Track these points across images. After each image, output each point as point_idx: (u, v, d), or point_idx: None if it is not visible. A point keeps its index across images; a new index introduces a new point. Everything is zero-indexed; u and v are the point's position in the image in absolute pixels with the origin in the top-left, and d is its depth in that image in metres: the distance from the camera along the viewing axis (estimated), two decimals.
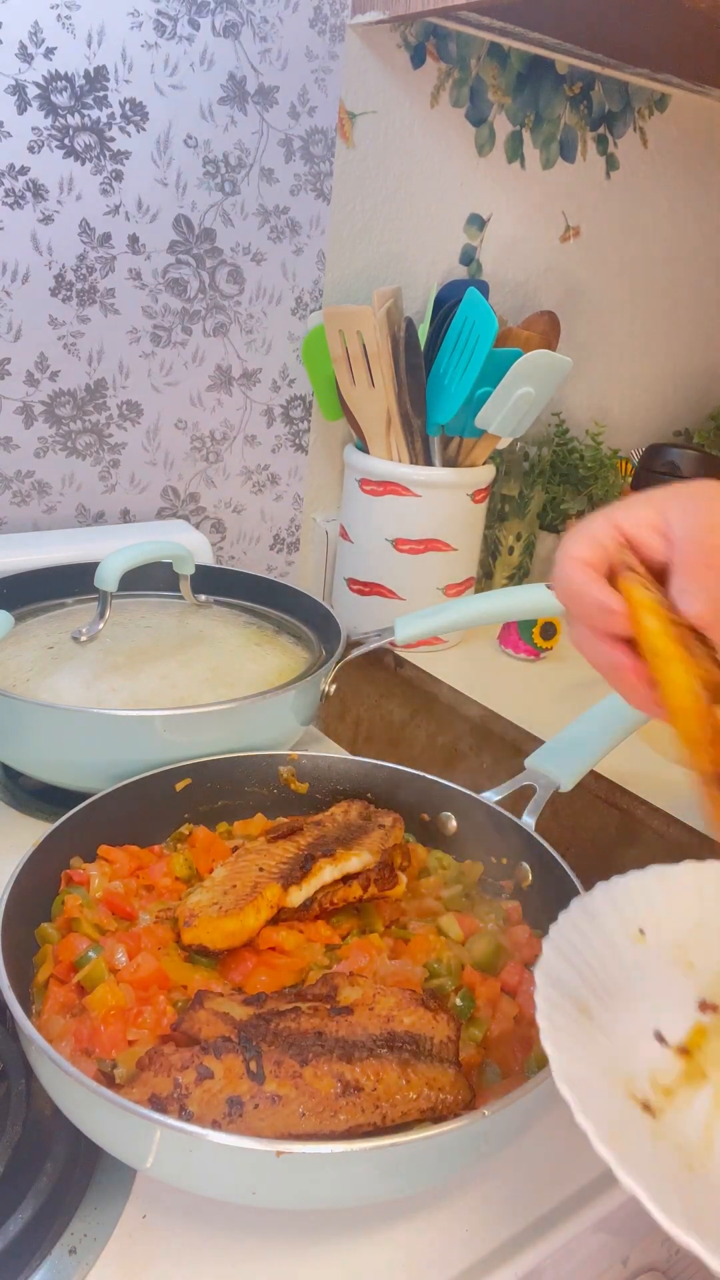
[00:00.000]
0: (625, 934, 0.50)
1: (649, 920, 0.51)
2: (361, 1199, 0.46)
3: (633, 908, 0.51)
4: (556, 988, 0.45)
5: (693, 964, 0.50)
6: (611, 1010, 0.46)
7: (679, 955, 0.50)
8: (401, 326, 0.94)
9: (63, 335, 0.89)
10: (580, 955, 0.47)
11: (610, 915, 0.50)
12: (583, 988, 0.46)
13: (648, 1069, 0.44)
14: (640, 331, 1.39)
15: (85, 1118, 0.45)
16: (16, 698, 0.69)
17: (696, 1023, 0.47)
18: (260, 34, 0.89)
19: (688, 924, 0.52)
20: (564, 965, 0.46)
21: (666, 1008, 0.48)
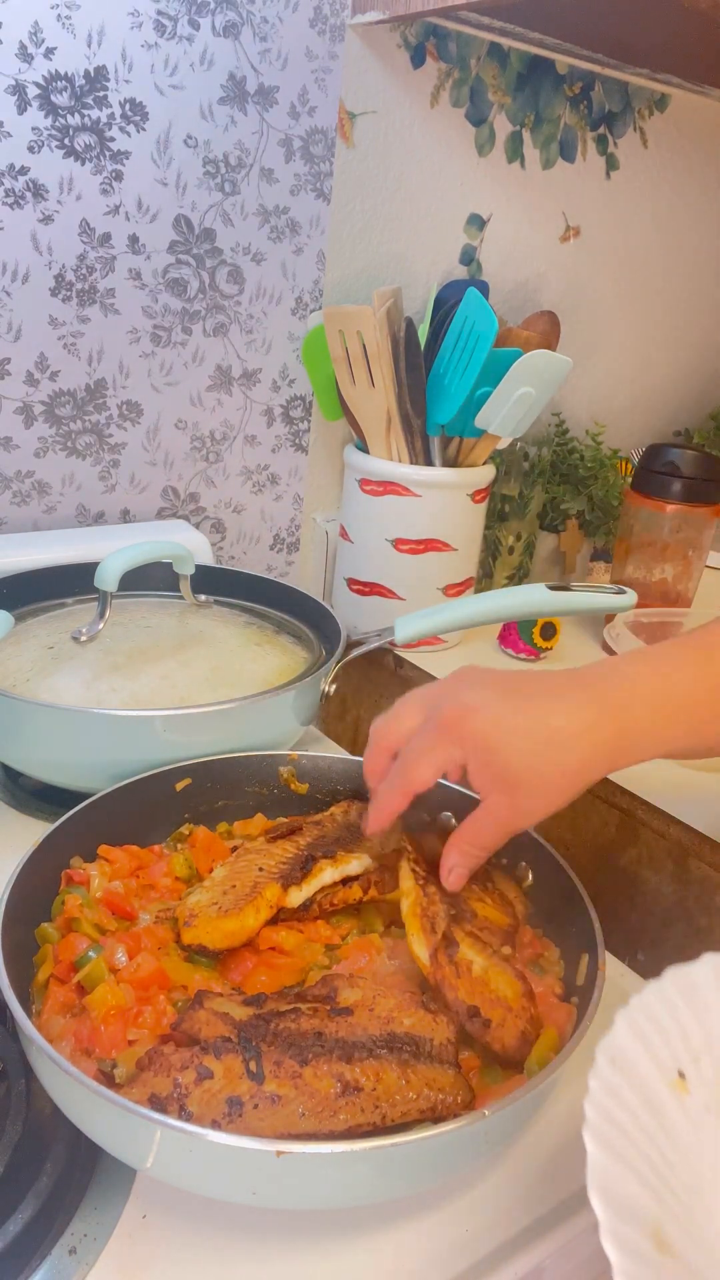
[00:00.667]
0: (665, 1084, 0.41)
1: (685, 1057, 0.42)
2: (361, 1199, 0.46)
3: (665, 1044, 0.42)
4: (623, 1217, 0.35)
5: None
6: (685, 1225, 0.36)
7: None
8: (401, 326, 0.94)
9: (63, 335, 0.89)
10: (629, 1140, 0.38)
11: (645, 1064, 0.41)
12: (650, 1202, 0.36)
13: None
14: (640, 331, 1.39)
15: (85, 1118, 0.45)
16: (16, 698, 0.69)
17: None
18: (260, 34, 0.89)
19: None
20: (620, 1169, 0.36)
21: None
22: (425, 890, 0.56)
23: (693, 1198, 0.38)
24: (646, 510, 1.05)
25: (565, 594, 0.82)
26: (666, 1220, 0.36)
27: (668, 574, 1.07)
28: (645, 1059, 0.41)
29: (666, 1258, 0.35)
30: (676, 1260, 0.35)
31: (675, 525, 1.04)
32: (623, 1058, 0.41)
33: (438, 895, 0.56)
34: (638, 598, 0.85)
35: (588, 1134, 0.37)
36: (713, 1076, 0.42)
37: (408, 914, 0.55)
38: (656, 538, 1.05)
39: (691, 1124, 0.40)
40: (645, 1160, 0.38)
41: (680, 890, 0.76)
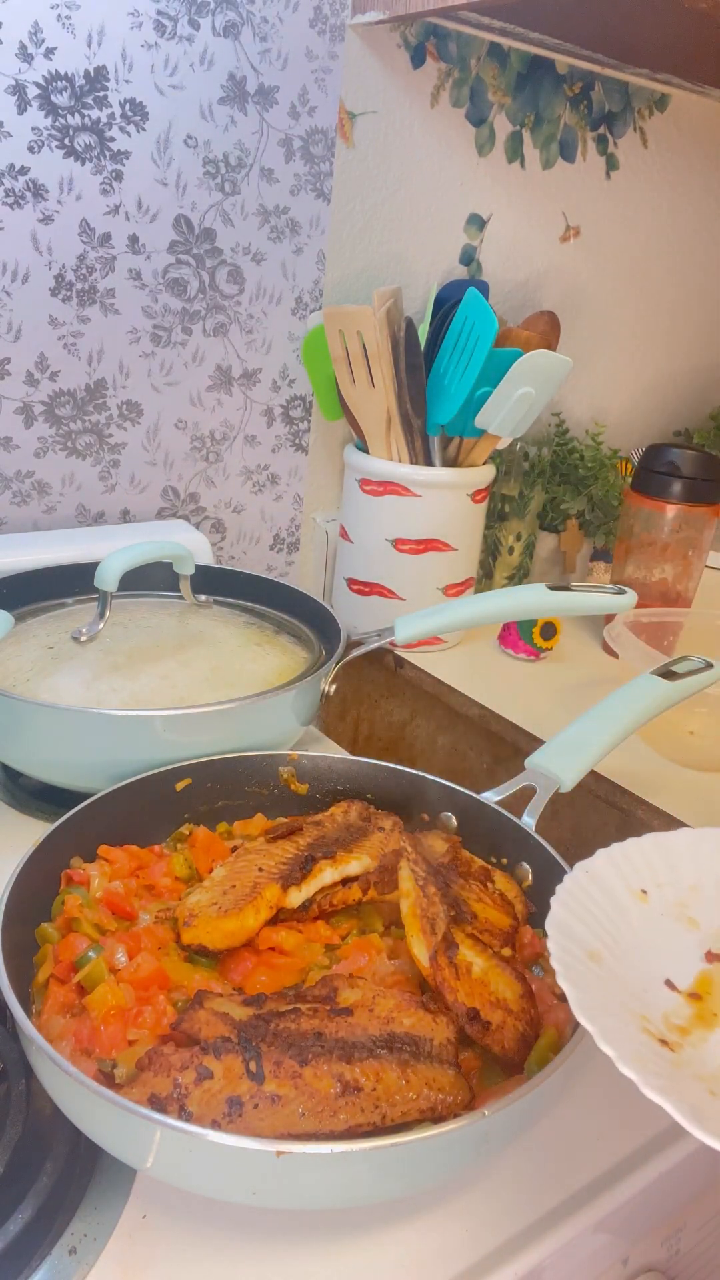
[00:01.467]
0: (629, 893, 0.53)
1: (650, 882, 0.54)
2: (361, 1199, 0.46)
3: (634, 871, 0.54)
4: (566, 935, 0.47)
5: (696, 921, 0.53)
6: (621, 959, 0.48)
7: (681, 913, 0.53)
8: (401, 326, 0.94)
9: (63, 335, 0.89)
10: (587, 911, 0.50)
11: (612, 877, 0.53)
12: (592, 939, 0.48)
13: (661, 1011, 0.46)
14: (640, 331, 1.39)
15: (85, 1118, 0.45)
16: (16, 698, 0.69)
17: (704, 971, 0.50)
18: (260, 34, 0.89)
19: (686, 885, 0.54)
20: (573, 919, 0.49)
21: (674, 959, 0.50)
22: (425, 891, 0.56)
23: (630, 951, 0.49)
24: (646, 510, 1.05)
25: (565, 594, 0.81)
26: (603, 950, 0.48)
27: (668, 574, 1.07)
28: (615, 877, 0.53)
29: (595, 965, 0.47)
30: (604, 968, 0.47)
31: (675, 525, 1.04)
32: (594, 872, 0.53)
33: (438, 896, 0.56)
34: (638, 598, 0.85)
35: (554, 900, 0.49)
36: (671, 897, 0.54)
37: (407, 915, 0.55)
38: (656, 538, 1.05)
39: (643, 918, 0.52)
40: (596, 921, 0.50)
41: None
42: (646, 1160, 0.52)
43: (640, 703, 0.71)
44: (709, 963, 0.51)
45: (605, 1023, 0.41)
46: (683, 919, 0.53)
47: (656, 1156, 0.52)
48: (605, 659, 1.09)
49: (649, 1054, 0.42)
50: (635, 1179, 0.51)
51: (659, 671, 0.75)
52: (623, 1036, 0.41)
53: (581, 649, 1.11)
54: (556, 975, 0.43)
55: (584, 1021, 0.40)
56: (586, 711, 0.71)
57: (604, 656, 1.09)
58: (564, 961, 0.45)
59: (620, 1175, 0.51)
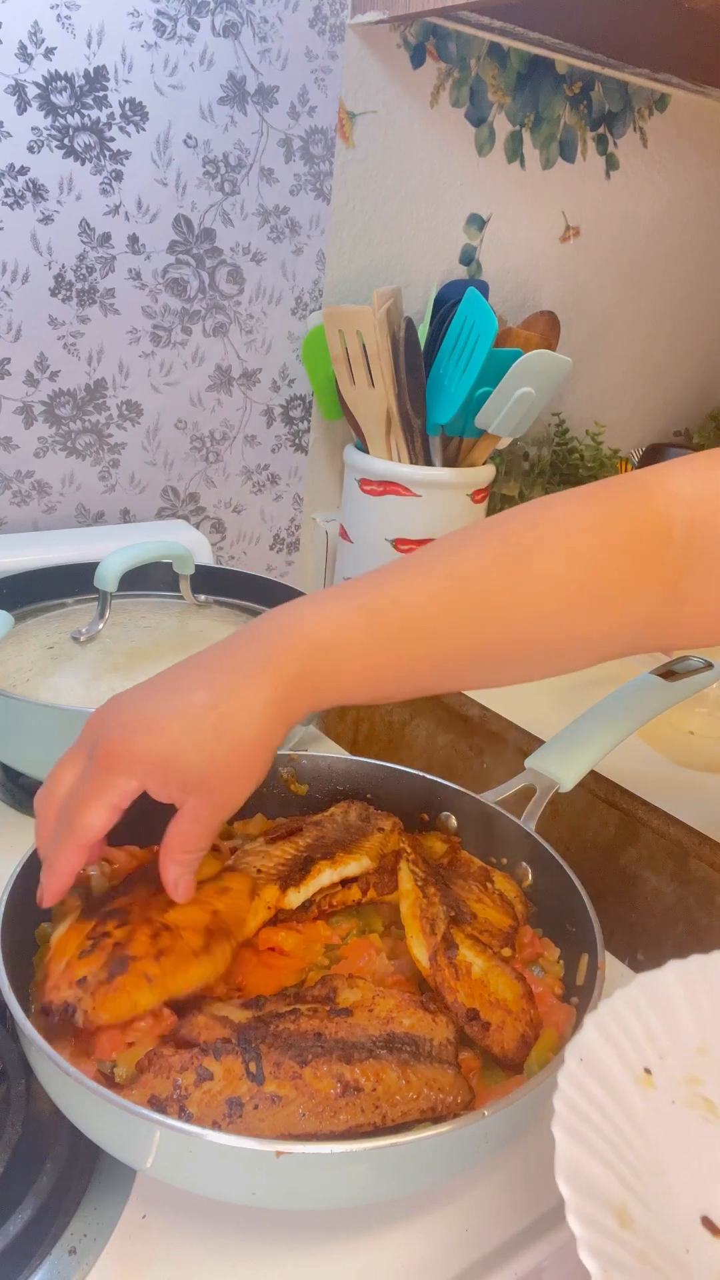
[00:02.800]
0: (631, 1080, 0.43)
1: (651, 1055, 0.45)
2: (361, 1199, 0.46)
3: (630, 1041, 0.45)
4: (588, 1195, 0.37)
5: (711, 1103, 0.44)
6: (651, 1205, 0.39)
7: (693, 1094, 0.44)
8: (401, 326, 0.94)
9: (63, 335, 0.89)
10: (597, 1130, 0.40)
11: (612, 1062, 0.43)
12: (613, 1181, 0.39)
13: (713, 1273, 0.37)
14: (640, 331, 1.39)
15: (85, 1118, 0.45)
16: (16, 698, 0.69)
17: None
18: (260, 34, 0.89)
19: (691, 1051, 0.46)
20: (584, 1153, 0.39)
21: (704, 1174, 0.41)
22: (425, 892, 0.56)
23: (655, 1179, 0.40)
24: None
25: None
26: (630, 1199, 0.39)
27: None
28: (612, 1057, 0.44)
29: (628, 1232, 0.37)
30: (638, 1234, 0.38)
31: None
32: (590, 1056, 0.43)
33: (437, 897, 0.56)
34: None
35: (556, 1126, 0.39)
36: (678, 1073, 0.45)
37: (407, 916, 0.55)
38: None
39: (656, 1114, 0.43)
40: (610, 1147, 0.40)
41: (680, 890, 0.76)
42: None
43: (640, 703, 0.71)
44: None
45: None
46: (697, 1103, 0.44)
47: None
48: None
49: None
50: None
51: (659, 671, 0.75)
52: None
53: None
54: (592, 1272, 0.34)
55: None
56: (586, 711, 0.71)
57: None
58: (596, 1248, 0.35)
59: None
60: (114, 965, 0.49)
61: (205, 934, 0.52)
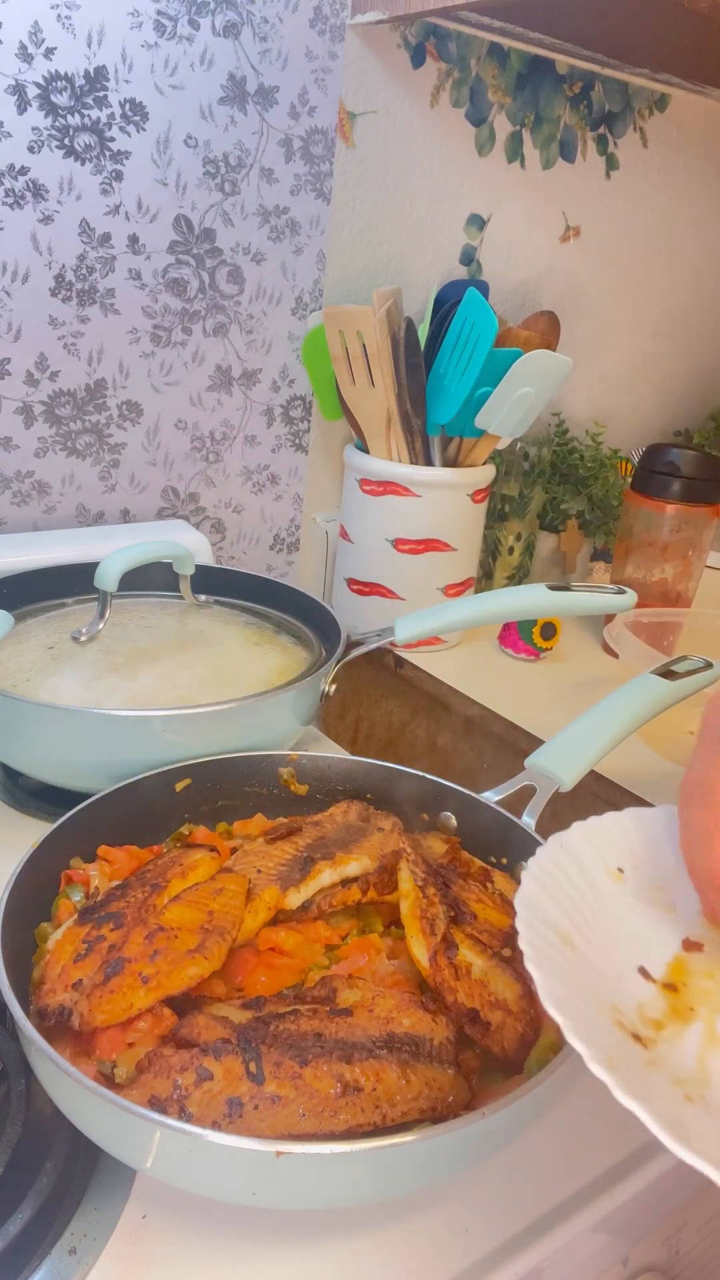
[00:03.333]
0: (605, 871, 0.49)
1: (628, 861, 0.51)
2: (361, 1199, 0.46)
3: (611, 848, 0.51)
4: (537, 915, 0.44)
5: (674, 906, 0.49)
6: (593, 943, 0.45)
7: (659, 896, 0.50)
8: (401, 326, 0.94)
9: (63, 335, 0.89)
10: (560, 888, 0.47)
11: (589, 853, 0.50)
12: (564, 919, 0.45)
13: (634, 1002, 0.43)
14: (640, 331, 1.39)
15: (85, 1118, 0.45)
16: (16, 698, 0.69)
17: (680, 959, 0.46)
18: (260, 34, 0.89)
19: (667, 868, 0.51)
20: (544, 896, 0.45)
21: (649, 945, 0.47)
22: (425, 892, 0.56)
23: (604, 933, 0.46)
24: (646, 510, 1.05)
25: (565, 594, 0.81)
26: (575, 935, 0.45)
27: (668, 574, 1.07)
28: (590, 851, 0.50)
29: (567, 949, 0.43)
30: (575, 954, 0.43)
31: (675, 525, 1.04)
32: (570, 846, 0.50)
33: (437, 897, 0.56)
34: (638, 598, 0.85)
35: (526, 874, 0.46)
36: (649, 878, 0.50)
37: (407, 916, 0.55)
38: (656, 538, 1.05)
39: (619, 898, 0.49)
40: (569, 900, 0.46)
41: None
42: (647, 1160, 0.52)
43: (640, 703, 0.71)
44: (686, 951, 0.47)
45: (576, 1014, 0.38)
46: (660, 903, 0.49)
47: (657, 1157, 0.52)
48: (605, 659, 1.09)
49: (622, 1052, 0.39)
50: (635, 1179, 0.51)
51: (659, 671, 0.75)
52: (595, 1031, 0.38)
53: (581, 649, 1.11)
54: (524, 959, 0.40)
55: (553, 1013, 0.37)
56: (586, 711, 0.71)
57: (604, 656, 1.09)
58: (534, 944, 0.41)
59: (620, 1175, 0.51)
60: (109, 968, 0.49)
61: (200, 933, 0.52)
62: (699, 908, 0.49)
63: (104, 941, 0.51)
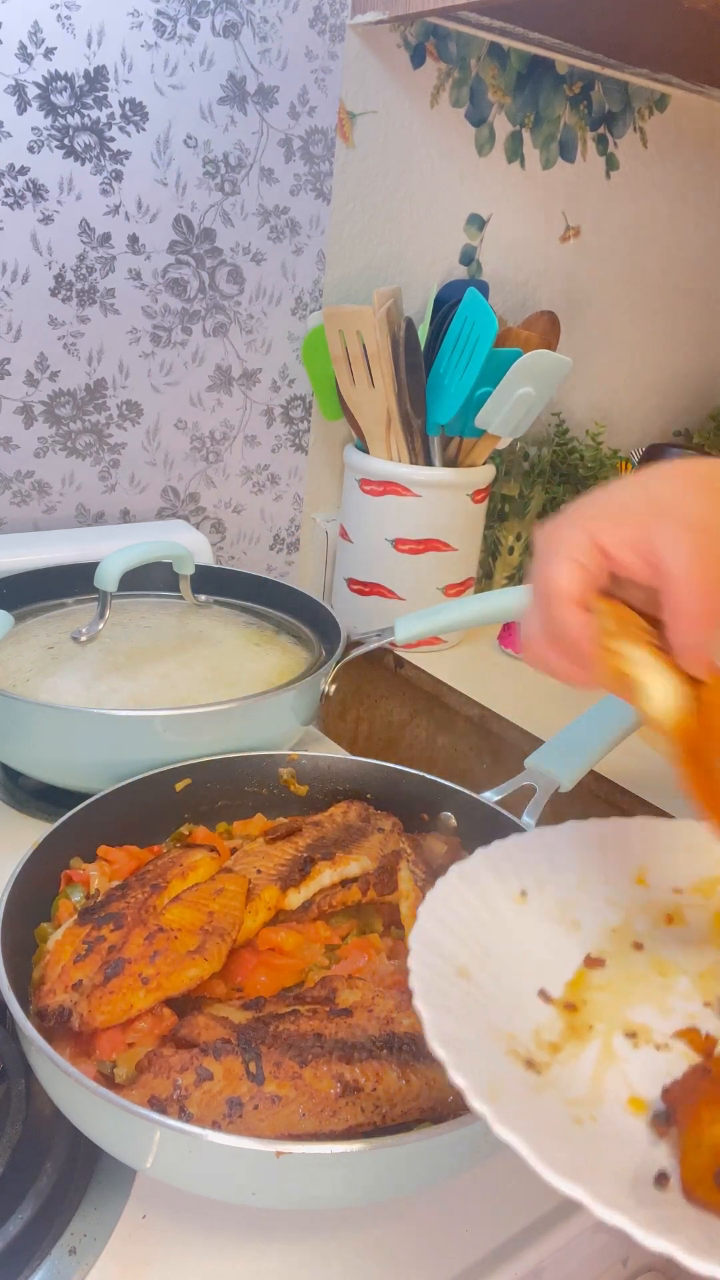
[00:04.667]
0: (506, 896, 0.48)
1: (531, 882, 0.49)
2: (361, 1199, 0.46)
3: (514, 871, 0.50)
4: (433, 951, 0.42)
5: (578, 922, 0.49)
6: (492, 971, 0.44)
7: (563, 914, 0.49)
8: (401, 326, 0.94)
9: (63, 335, 0.89)
10: (458, 918, 0.45)
11: (489, 879, 0.48)
12: (461, 951, 0.44)
13: (532, 1027, 0.42)
14: (640, 331, 1.39)
15: (85, 1118, 0.45)
16: (16, 698, 0.69)
17: (581, 974, 0.46)
18: (260, 34, 0.89)
19: (570, 884, 0.50)
20: (440, 930, 0.44)
21: (551, 966, 0.46)
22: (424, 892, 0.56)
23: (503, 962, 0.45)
24: None
25: None
26: (473, 965, 0.43)
27: None
28: (491, 877, 0.49)
29: (462, 979, 0.42)
30: (471, 984, 0.42)
31: None
32: (471, 875, 0.48)
33: None
34: None
35: (421, 909, 0.44)
36: (553, 898, 0.49)
37: (407, 916, 0.55)
38: None
39: (521, 922, 0.47)
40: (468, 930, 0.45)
41: None
42: None
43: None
44: (588, 968, 0.46)
45: (462, 1049, 0.37)
46: (564, 921, 0.49)
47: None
48: None
49: (509, 1080, 0.38)
50: None
51: None
52: (481, 1064, 0.37)
53: None
54: (414, 997, 0.38)
55: (437, 1049, 0.36)
56: (586, 711, 0.71)
57: None
58: (424, 979, 0.40)
59: None
60: (109, 968, 0.49)
61: (200, 934, 0.52)
62: (603, 921, 0.49)
63: (104, 942, 0.51)
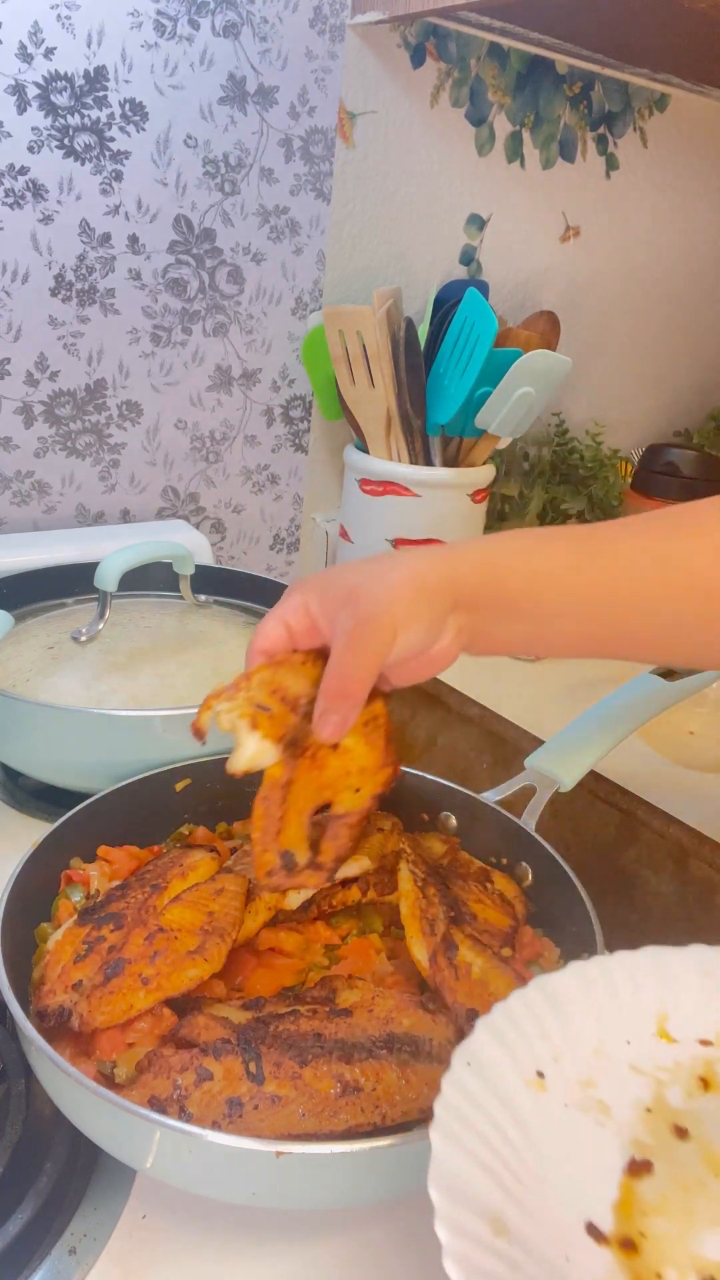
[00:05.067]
0: (520, 1083, 0.41)
1: (546, 1057, 0.42)
2: (361, 1199, 0.46)
3: (524, 1044, 0.42)
4: (460, 1204, 0.35)
5: (605, 1105, 0.41)
6: (528, 1208, 0.36)
7: (587, 1097, 0.42)
8: (401, 326, 0.94)
9: (63, 335, 0.89)
10: (477, 1133, 0.38)
11: (502, 1063, 0.41)
12: (489, 1186, 0.36)
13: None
14: (640, 331, 1.39)
15: (85, 1118, 0.45)
16: (16, 698, 0.69)
17: (628, 1190, 0.38)
18: (260, 34, 0.89)
19: (587, 1051, 0.43)
20: (462, 1159, 0.37)
21: (592, 1179, 0.39)
22: (424, 892, 0.56)
23: (538, 1184, 0.38)
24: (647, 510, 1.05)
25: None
26: (507, 1206, 0.36)
27: None
28: (503, 1060, 0.41)
29: (502, 1240, 0.35)
30: (513, 1243, 0.35)
31: None
32: (479, 1060, 0.41)
33: (437, 897, 0.56)
34: None
35: (434, 1131, 0.37)
36: (573, 1074, 0.42)
37: (407, 916, 0.55)
38: None
39: (545, 1118, 0.40)
40: (492, 1152, 0.38)
41: (680, 890, 0.76)
42: None
43: (640, 703, 0.71)
44: (632, 1176, 0.39)
45: None
46: (590, 1106, 0.41)
47: None
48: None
49: None
50: None
51: (659, 671, 0.75)
52: None
53: None
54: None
55: None
56: (586, 711, 0.71)
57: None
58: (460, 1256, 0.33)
59: None
60: (109, 969, 0.49)
61: (200, 934, 0.52)
62: (633, 1100, 0.42)
63: (104, 942, 0.51)
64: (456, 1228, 0.34)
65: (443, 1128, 0.38)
